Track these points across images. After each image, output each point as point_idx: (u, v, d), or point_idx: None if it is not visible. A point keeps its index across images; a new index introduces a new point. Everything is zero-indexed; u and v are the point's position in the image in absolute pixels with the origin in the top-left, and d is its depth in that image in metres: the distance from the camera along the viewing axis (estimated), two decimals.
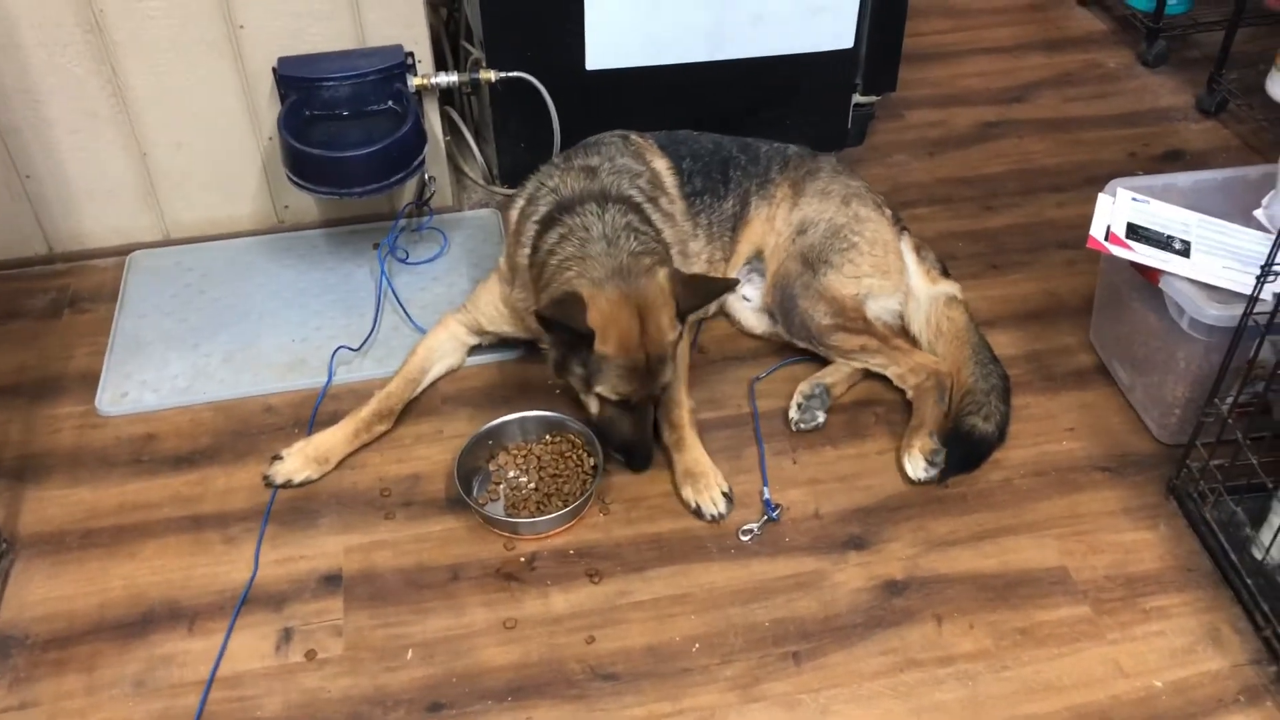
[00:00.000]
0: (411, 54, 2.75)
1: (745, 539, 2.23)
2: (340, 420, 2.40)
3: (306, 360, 2.61)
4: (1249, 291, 1.99)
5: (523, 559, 2.20)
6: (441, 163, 3.00)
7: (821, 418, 2.45)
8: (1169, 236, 2.27)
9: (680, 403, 2.38)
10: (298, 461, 2.33)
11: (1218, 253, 2.24)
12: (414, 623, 2.09)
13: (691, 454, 2.33)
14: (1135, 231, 2.28)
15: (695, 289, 2.24)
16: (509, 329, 2.53)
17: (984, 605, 2.12)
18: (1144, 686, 2.00)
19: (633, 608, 2.11)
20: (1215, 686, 2.00)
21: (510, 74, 2.81)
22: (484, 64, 2.85)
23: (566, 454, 2.35)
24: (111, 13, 2.55)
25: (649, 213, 2.39)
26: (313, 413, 2.48)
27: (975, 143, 3.37)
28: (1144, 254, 2.24)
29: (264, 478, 2.34)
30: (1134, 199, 2.35)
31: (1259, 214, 2.33)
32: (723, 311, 2.73)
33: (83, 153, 2.75)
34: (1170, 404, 2.36)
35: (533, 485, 2.32)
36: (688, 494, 2.28)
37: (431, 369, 2.52)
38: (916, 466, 2.31)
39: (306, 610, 2.11)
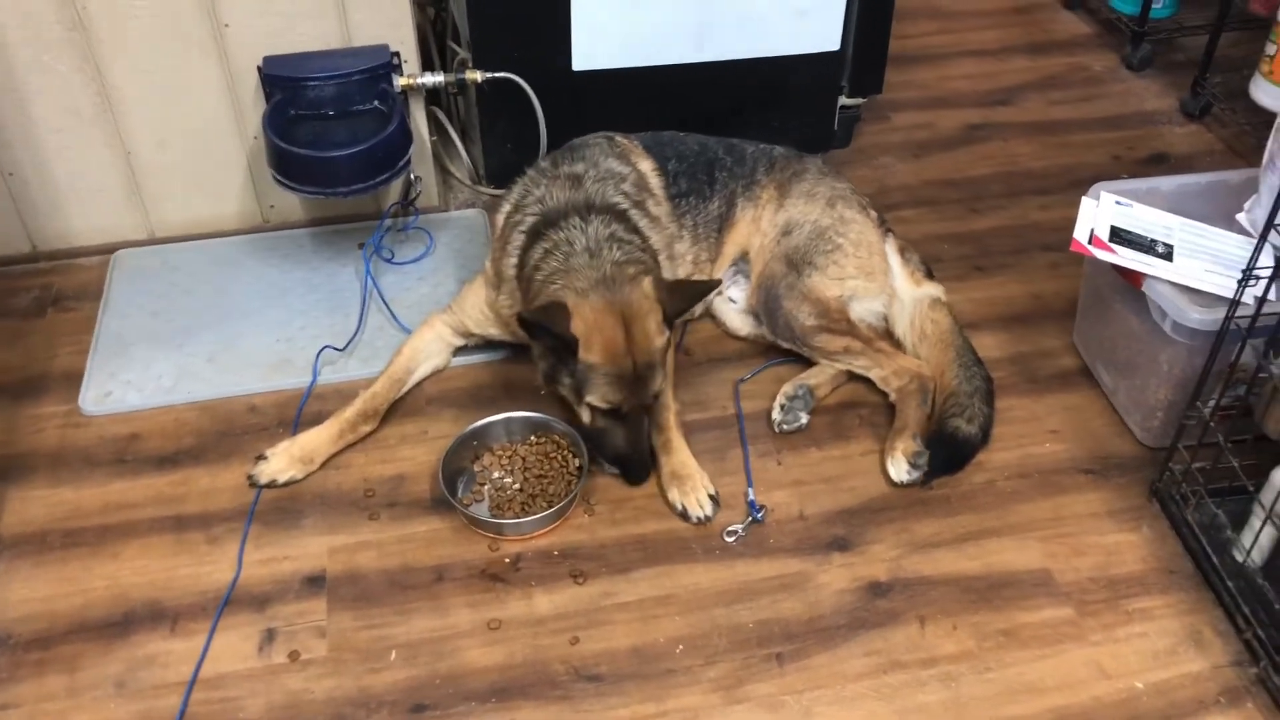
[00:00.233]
0: (397, 54, 2.75)
1: (730, 540, 2.23)
2: (325, 420, 2.39)
3: (291, 360, 2.60)
4: (1231, 295, 2.00)
5: (507, 560, 2.20)
6: (427, 163, 2.99)
7: (804, 419, 2.45)
8: (1152, 240, 2.28)
9: (666, 405, 2.38)
10: (282, 462, 2.33)
11: (1200, 256, 2.26)
12: (398, 624, 2.08)
13: (678, 456, 2.33)
14: (1118, 235, 2.29)
15: (680, 293, 2.25)
16: (495, 332, 2.52)
17: (967, 607, 2.12)
18: (1126, 688, 2.00)
19: (617, 609, 2.11)
20: (1196, 688, 2.01)
21: (497, 74, 2.81)
22: (470, 64, 2.85)
23: (551, 455, 2.35)
24: (95, 11, 2.54)
25: (635, 219, 2.39)
26: (297, 413, 2.48)
27: (961, 145, 3.38)
28: (1127, 257, 2.25)
29: (248, 478, 2.33)
30: (1118, 202, 2.36)
31: (1241, 218, 2.35)
32: (708, 313, 2.73)
33: (67, 151, 2.74)
34: (1153, 407, 2.37)
35: (517, 486, 2.31)
36: (674, 496, 2.28)
37: (417, 370, 2.52)
38: (899, 469, 2.32)
39: (290, 611, 2.10)
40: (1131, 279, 2.27)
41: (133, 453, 2.40)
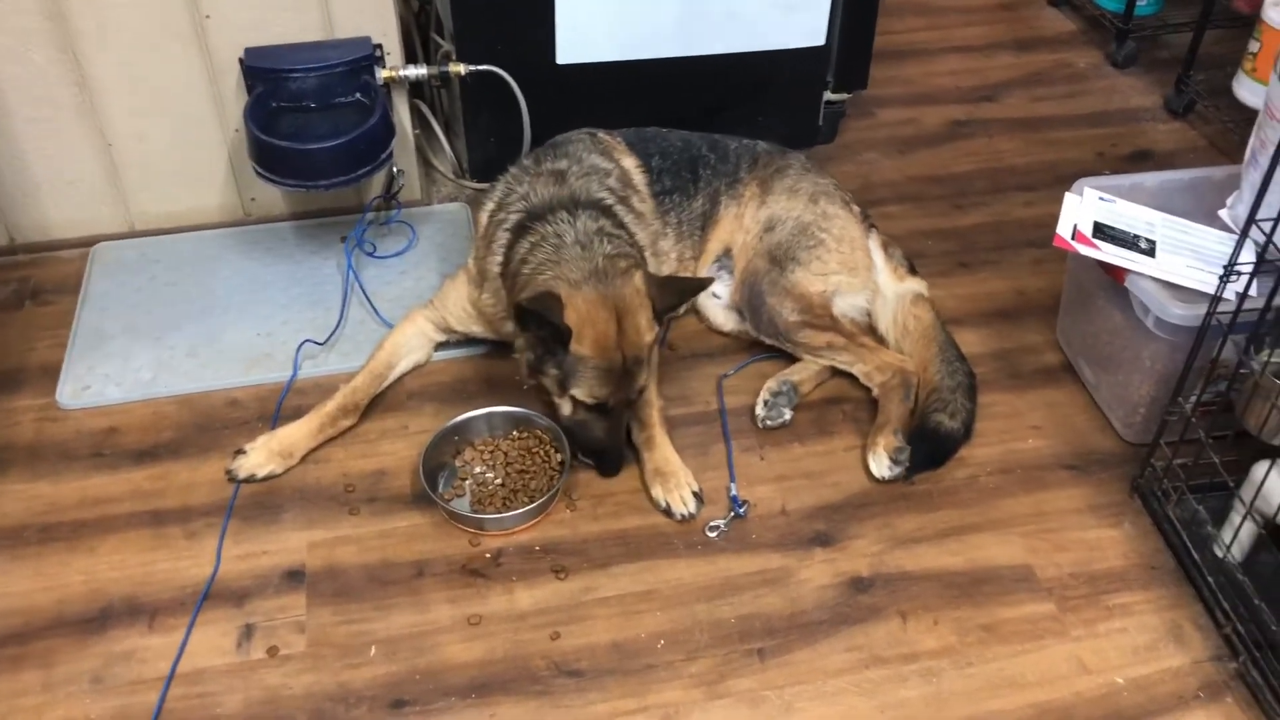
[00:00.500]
0: (380, 46, 2.73)
1: (712, 535, 2.23)
2: (305, 415, 2.38)
3: (272, 354, 2.58)
4: (1213, 291, 2.01)
5: (488, 555, 2.19)
6: (410, 156, 2.98)
7: (788, 415, 2.45)
8: (1135, 236, 2.28)
9: (650, 401, 2.37)
10: (261, 456, 2.31)
11: (1183, 252, 2.26)
12: (377, 619, 2.07)
13: (661, 452, 2.32)
14: (1102, 231, 2.29)
15: (671, 290, 2.24)
16: (477, 329, 2.51)
17: (949, 602, 2.12)
18: (1106, 683, 2.01)
19: (598, 604, 2.11)
20: (1176, 683, 2.01)
21: (480, 67, 2.79)
22: (454, 57, 2.83)
23: (533, 450, 2.34)
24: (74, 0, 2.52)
25: (621, 215, 2.38)
26: (277, 407, 2.46)
27: (945, 141, 3.38)
28: (1110, 253, 2.25)
29: (227, 472, 2.31)
30: (1101, 198, 2.36)
31: (1224, 214, 2.35)
32: (692, 309, 2.73)
33: (45, 143, 2.71)
34: (1135, 403, 2.37)
35: (499, 481, 2.30)
36: (657, 493, 2.27)
37: (398, 364, 2.50)
38: (881, 465, 2.32)
39: (269, 606, 2.09)
40: (1114, 274, 2.27)
41: (111, 447, 2.38)
